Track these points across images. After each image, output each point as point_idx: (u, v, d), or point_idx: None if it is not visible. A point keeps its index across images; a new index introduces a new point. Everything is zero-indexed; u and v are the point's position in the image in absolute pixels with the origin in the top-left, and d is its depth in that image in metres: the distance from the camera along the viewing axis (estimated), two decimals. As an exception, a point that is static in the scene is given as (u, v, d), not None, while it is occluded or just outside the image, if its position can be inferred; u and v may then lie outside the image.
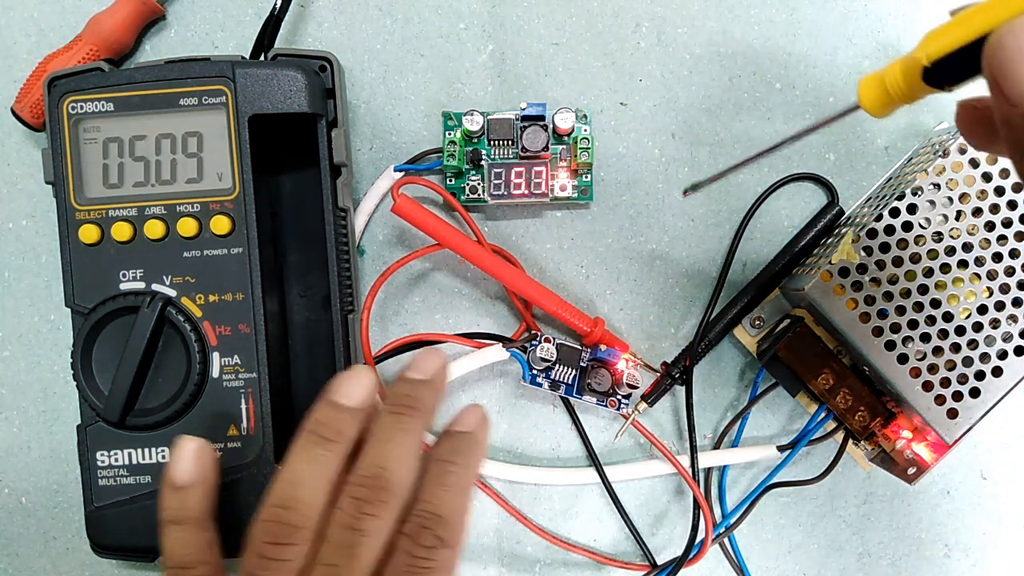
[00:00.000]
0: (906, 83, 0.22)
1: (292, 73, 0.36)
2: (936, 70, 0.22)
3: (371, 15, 0.41)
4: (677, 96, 0.41)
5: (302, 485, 0.27)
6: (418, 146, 0.41)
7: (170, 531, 0.30)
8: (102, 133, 0.36)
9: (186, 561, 0.29)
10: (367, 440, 0.29)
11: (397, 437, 0.28)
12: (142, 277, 0.36)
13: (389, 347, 0.37)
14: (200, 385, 0.36)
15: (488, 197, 0.39)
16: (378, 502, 0.27)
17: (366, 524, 0.26)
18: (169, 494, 0.30)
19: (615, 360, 0.39)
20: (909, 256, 0.35)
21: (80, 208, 0.36)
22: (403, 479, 0.27)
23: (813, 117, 0.41)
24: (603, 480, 0.40)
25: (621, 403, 0.39)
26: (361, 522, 0.26)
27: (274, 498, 0.28)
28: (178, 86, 0.35)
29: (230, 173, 0.36)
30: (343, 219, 0.38)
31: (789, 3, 0.41)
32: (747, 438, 0.42)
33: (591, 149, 0.39)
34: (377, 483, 0.27)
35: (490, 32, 0.41)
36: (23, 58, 0.41)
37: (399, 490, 0.27)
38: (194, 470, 0.30)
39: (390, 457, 0.27)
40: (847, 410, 0.36)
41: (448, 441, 0.29)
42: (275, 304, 0.39)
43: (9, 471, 0.41)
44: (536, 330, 0.40)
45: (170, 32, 0.41)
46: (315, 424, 0.29)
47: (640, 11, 0.41)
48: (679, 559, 0.39)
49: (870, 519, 0.42)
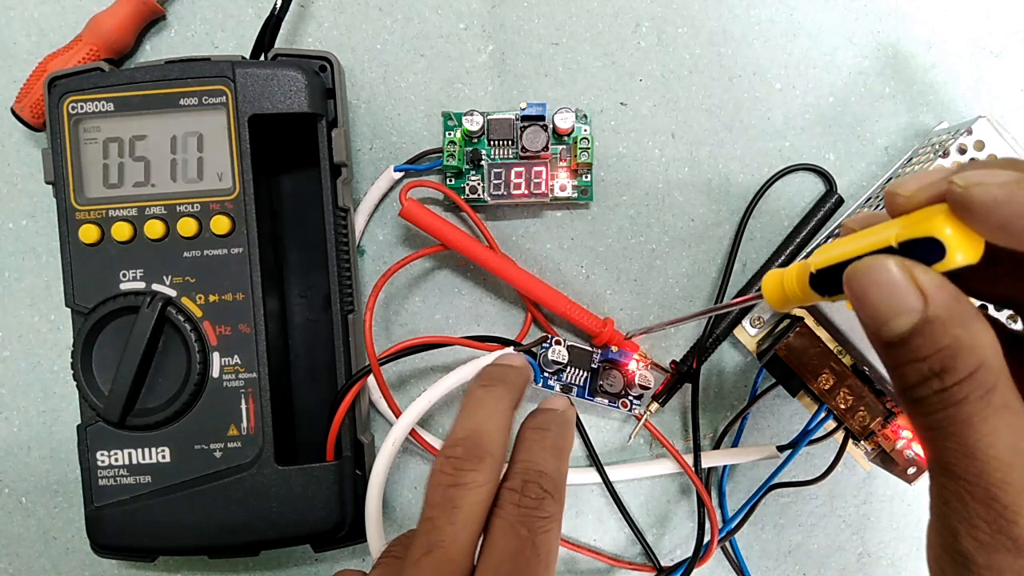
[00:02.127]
0: (799, 286, 0.24)
1: (292, 73, 0.36)
2: (821, 279, 0.23)
3: (371, 15, 0.41)
4: (677, 96, 0.41)
5: (481, 419, 0.29)
6: (418, 146, 0.41)
7: None
8: (102, 133, 0.36)
9: None
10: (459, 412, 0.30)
11: (486, 401, 0.29)
12: (142, 277, 0.36)
13: (393, 350, 0.37)
14: (200, 385, 0.36)
15: (488, 197, 0.39)
16: (474, 458, 0.27)
17: (465, 478, 0.26)
18: None
19: (626, 361, 0.39)
20: (909, 256, 0.35)
21: (80, 208, 0.36)
22: (496, 441, 0.28)
23: (813, 117, 0.41)
24: (604, 480, 0.40)
25: (633, 404, 0.39)
26: (459, 476, 0.27)
27: (455, 434, 0.28)
28: (178, 86, 0.35)
29: (230, 173, 0.36)
30: (343, 219, 0.38)
31: (789, 3, 0.41)
32: (747, 438, 0.42)
33: (591, 149, 0.39)
34: (471, 443, 0.27)
35: (490, 32, 0.41)
36: (23, 58, 0.41)
37: (492, 448, 0.28)
38: None
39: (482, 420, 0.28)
40: (847, 410, 0.36)
41: (540, 414, 0.31)
42: (275, 304, 0.39)
43: (9, 471, 0.41)
44: (552, 333, 0.40)
45: (170, 32, 0.41)
46: (482, 376, 0.31)
47: (640, 11, 0.41)
48: (690, 560, 0.39)
49: (870, 519, 0.42)
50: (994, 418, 0.19)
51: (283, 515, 0.35)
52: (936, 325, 0.19)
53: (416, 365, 0.41)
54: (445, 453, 0.27)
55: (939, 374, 0.19)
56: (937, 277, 0.20)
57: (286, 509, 0.35)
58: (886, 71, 0.41)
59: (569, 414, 0.32)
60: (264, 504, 0.35)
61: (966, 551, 0.19)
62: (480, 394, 0.30)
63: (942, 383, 0.19)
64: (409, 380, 0.42)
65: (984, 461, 0.19)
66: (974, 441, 0.19)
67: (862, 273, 0.20)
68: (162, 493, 0.36)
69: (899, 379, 0.21)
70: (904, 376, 0.20)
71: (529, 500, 0.27)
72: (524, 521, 0.26)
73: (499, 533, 0.26)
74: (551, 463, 0.28)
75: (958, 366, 0.19)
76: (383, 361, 0.36)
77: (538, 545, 0.26)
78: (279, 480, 0.35)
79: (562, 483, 0.28)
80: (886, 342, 0.20)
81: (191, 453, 0.36)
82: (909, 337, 0.20)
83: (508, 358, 0.34)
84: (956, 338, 0.19)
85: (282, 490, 0.35)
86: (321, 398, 0.38)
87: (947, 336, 0.19)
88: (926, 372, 0.20)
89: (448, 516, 0.26)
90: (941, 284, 0.19)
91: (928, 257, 0.20)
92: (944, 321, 0.19)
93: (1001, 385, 0.19)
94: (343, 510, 0.36)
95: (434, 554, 0.25)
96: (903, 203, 0.21)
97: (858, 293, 0.21)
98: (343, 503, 0.36)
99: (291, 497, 0.35)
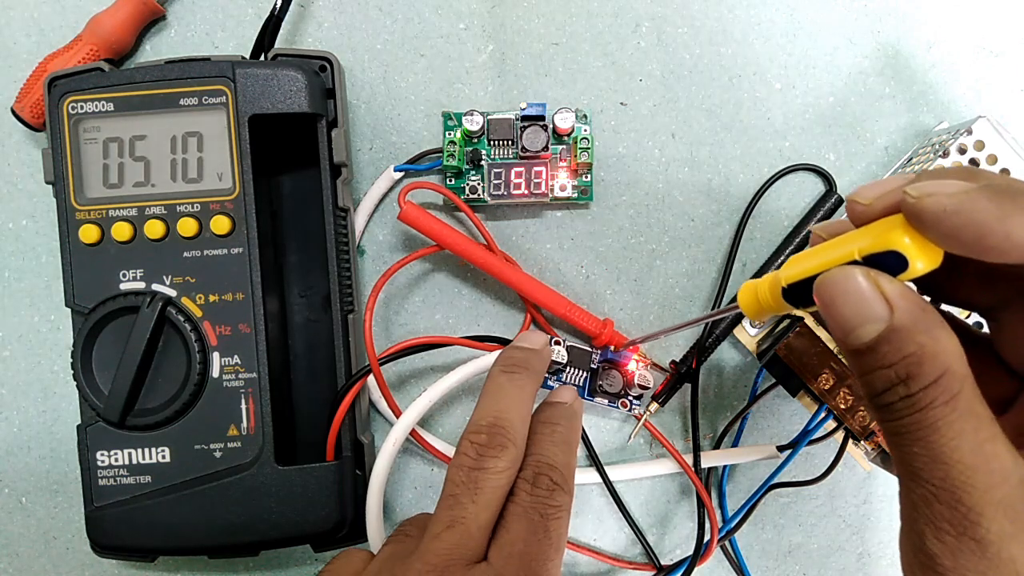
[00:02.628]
0: (772, 297, 0.25)
1: (292, 73, 0.36)
2: (793, 291, 0.24)
3: (371, 15, 0.41)
4: (677, 96, 0.41)
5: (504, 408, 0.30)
6: (418, 146, 0.41)
7: None
8: (102, 133, 0.36)
9: None
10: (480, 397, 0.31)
11: (509, 390, 0.31)
12: (142, 277, 0.36)
13: (393, 350, 0.37)
14: (200, 385, 0.36)
15: (488, 197, 0.39)
16: (497, 446, 0.28)
17: (488, 463, 0.28)
18: None
19: (625, 361, 0.39)
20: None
21: (80, 208, 0.36)
22: (517, 428, 0.29)
23: (813, 117, 0.41)
24: (604, 480, 0.40)
25: (632, 404, 0.39)
26: (483, 461, 0.28)
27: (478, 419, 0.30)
28: (178, 86, 0.35)
29: (230, 173, 0.36)
30: (343, 219, 0.38)
31: (789, 3, 0.41)
32: (747, 438, 0.42)
33: (591, 149, 0.39)
34: (494, 429, 0.29)
35: (490, 32, 0.41)
36: (23, 58, 0.41)
37: (515, 437, 0.29)
38: None
39: (505, 407, 0.30)
40: (847, 410, 0.36)
41: (549, 408, 0.33)
42: (275, 304, 0.39)
43: (9, 471, 0.41)
44: (551, 334, 0.40)
45: (170, 32, 0.41)
46: (504, 361, 0.32)
47: (640, 11, 0.41)
48: (691, 559, 0.39)
49: (870, 519, 0.42)
50: (959, 423, 0.19)
51: (283, 515, 0.35)
52: (902, 333, 0.20)
53: (416, 365, 0.41)
54: (469, 438, 0.29)
55: (905, 380, 0.20)
56: (901, 287, 0.20)
57: (286, 509, 0.35)
58: (886, 71, 0.41)
59: (577, 406, 0.33)
60: (264, 504, 0.35)
61: (933, 553, 0.20)
62: (503, 381, 0.31)
63: (908, 389, 0.20)
64: (409, 380, 0.42)
65: (949, 465, 0.19)
66: (939, 446, 0.19)
67: (831, 284, 0.21)
68: (162, 493, 0.36)
69: (867, 385, 0.21)
70: (871, 383, 0.21)
71: (541, 491, 0.28)
72: (537, 508, 0.28)
73: (513, 518, 0.28)
74: (560, 457, 0.30)
75: (923, 372, 0.20)
76: (383, 361, 0.36)
77: (550, 530, 0.27)
78: (279, 480, 0.35)
79: (571, 475, 0.30)
80: (854, 350, 0.21)
81: (191, 453, 0.36)
82: (876, 345, 0.20)
83: (529, 338, 0.35)
84: (921, 345, 0.20)
85: (282, 490, 0.35)
86: (321, 398, 0.38)
87: (912, 344, 0.20)
88: (892, 378, 0.20)
89: (471, 495, 0.27)
90: (905, 293, 0.20)
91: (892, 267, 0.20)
92: (909, 329, 0.20)
93: (966, 390, 0.20)
94: (343, 510, 0.36)
95: (455, 528, 0.27)
96: (862, 211, 0.21)
97: (827, 302, 0.21)
98: (343, 503, 0.36)
99: (291, 497, 0.35)
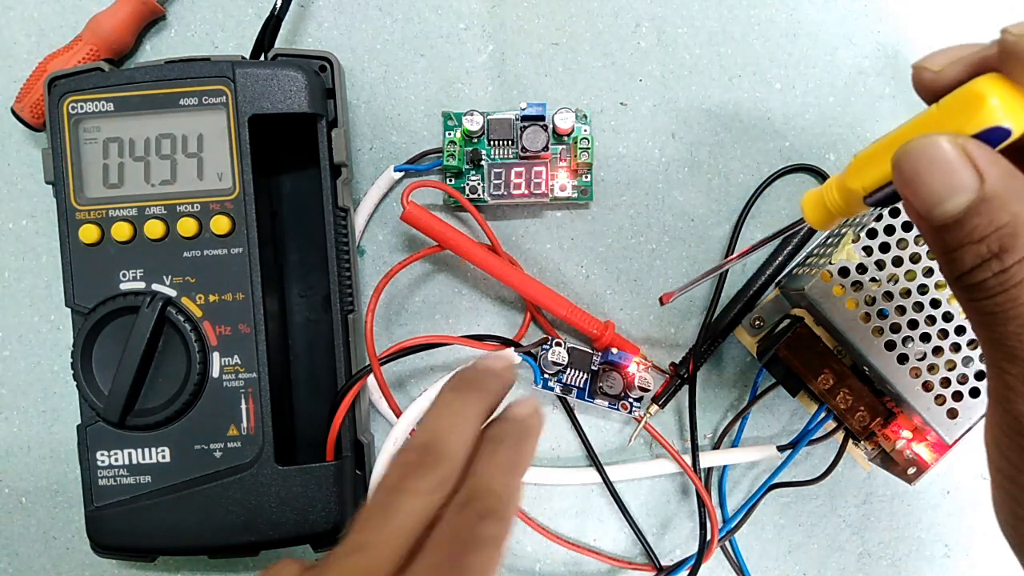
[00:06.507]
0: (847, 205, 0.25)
1: (292, 73, 0.36)
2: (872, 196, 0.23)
3: (371, 15, 0.41)
4: (677, 96, 0.41)
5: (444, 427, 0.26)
6: (418, 146, 0.41)
7: None
8: (102, 133, 0.36)
9: None
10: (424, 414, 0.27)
11: (454, 407, 0.27)
12: (142, 277, 0.36)
13: (393, 349, 0.37)
14: (200, 385, 0.36)
15: (488, 197, 0.39)
16: (423, 465, 0.25)
17: (409, 483, 0.25)
18: None
19: (626, 363, 0.39)
20: (909, 256, 0.35)
21: (80, 208, 0.36)
22: (453, 449, 0.26)
23: (813, 117, 0.41)
24: (605, 481, 0.40)
25: (632, 406, 0.39)
26: (404, 481, 0.25)
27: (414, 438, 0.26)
28: (178, 86, 0.35)
29: (230, 173, 0.36)
30: (343, 219, 0.38)
31: (789, 3, 0.41)
32: (747, 438, 0.42)
33: (591, 149, 0.39)
34: (425, 448, 0.26)
35: (490, 32, 0.41)
36: (23, 58, 0.41)
37: (448, 458, 0.26)
38: None
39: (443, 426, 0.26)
40: (847, 410, 0.36)
41: (496, 424, 0.28)
42: (275, 304, 0.39)
43: (9, 471, 0.41)
44: (552, 334, 0.40)
45: (170, 32, 0.41)
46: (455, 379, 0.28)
47: (640, 11, 0.41)
48: (696, 558, 0.39)
49: (870, 519, 0.42)
50: None
51: (283, 515, 0.35)
52: (994, 202, 0.18)
53: (416, 365, 0.41)
54: (398, 456, 0.26)
55: (998, 255, 0.18)
56: (991, 153, 0.18)
57: (286, 509, 0.35)
58: (886, 71, 0.41)
59: (530, 423, 0.28)
60: (264, 504, 0.35)
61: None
62: (448, 398, 0.27)
63: (1002, 264, 0.18)
64: (409, 380, 0.42)
65: None
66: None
67: (913, 154, 0.19)
68: (162, 493, 0.36)
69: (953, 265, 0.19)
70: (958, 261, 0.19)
71: (468, 518, 0.24)
72: (457, 539, 0.24)
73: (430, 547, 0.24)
74: (499, 480, 0.26)
75: (1019, 245, 0.18)
76: (383, 361, 0.36)
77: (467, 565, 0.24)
78: (279, 480, 0.35)
79: (511, 502, 0.26)
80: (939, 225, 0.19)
81: (191, 453, 0.36)
82: (964, 217, 0.19)
83: (491, 361, 0.30)
84: (1015, 215, 0.18)
85: (282, 490, 0.35)
86: (321, 398, 0.38)
87: (1006, 213, 0.18)
88: (984, 253, 0.19)
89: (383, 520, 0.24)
90: (996, 159, 0.18)
91: (985, 136, 0.19)
92: (1002, 198, 0.18)
93: None
94: (343, 510, 0.36)
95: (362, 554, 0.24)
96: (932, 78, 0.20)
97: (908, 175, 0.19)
98: (343, 503, 0.36)
99: (291, 497, 0.35)
